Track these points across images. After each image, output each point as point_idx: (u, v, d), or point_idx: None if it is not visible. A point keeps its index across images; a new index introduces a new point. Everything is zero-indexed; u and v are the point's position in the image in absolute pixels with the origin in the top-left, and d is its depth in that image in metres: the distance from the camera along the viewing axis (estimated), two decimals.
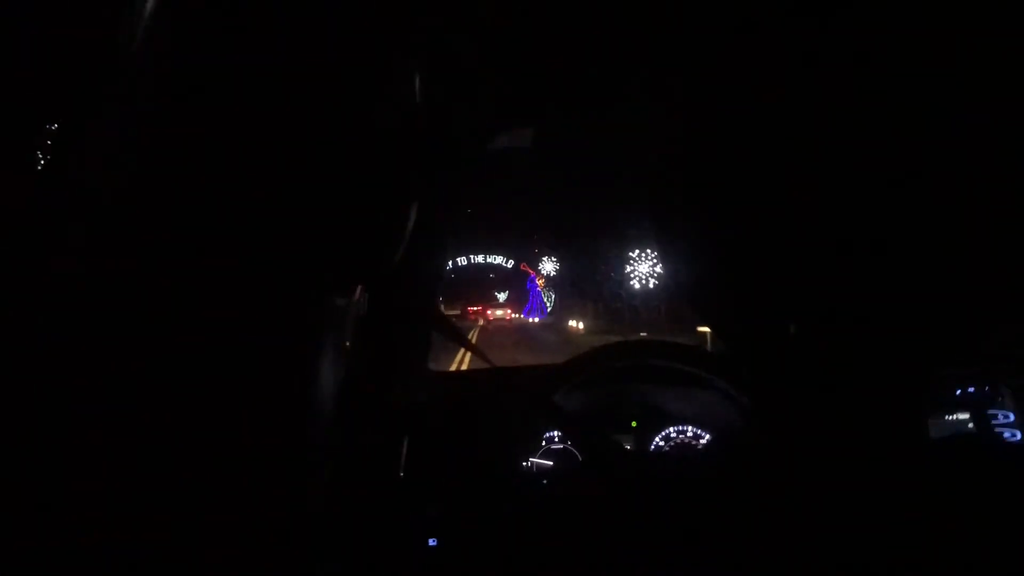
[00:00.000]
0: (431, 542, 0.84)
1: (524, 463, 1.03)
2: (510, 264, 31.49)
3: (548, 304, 31.83)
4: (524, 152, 1.08)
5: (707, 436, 1.05)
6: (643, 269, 19.86)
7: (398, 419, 0.83)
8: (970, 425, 1.02)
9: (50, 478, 0.31)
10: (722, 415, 0.98)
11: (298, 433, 0.43)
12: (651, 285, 19.69)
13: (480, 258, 30.24)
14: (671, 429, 1.08)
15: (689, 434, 1.07)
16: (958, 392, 1.01)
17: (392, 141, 0.45)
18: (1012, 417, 1.02)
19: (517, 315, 32.29)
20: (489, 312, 32.72)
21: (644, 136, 0.74)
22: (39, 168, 0.37)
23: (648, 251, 19.57)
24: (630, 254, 20.47)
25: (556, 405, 0.95)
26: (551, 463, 1.05)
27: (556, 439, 1.07)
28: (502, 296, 37.38)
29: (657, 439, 1.08)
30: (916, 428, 0.64)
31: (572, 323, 21.20)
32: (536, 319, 29.25)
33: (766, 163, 0.60)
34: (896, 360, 0.58)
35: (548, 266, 29.35)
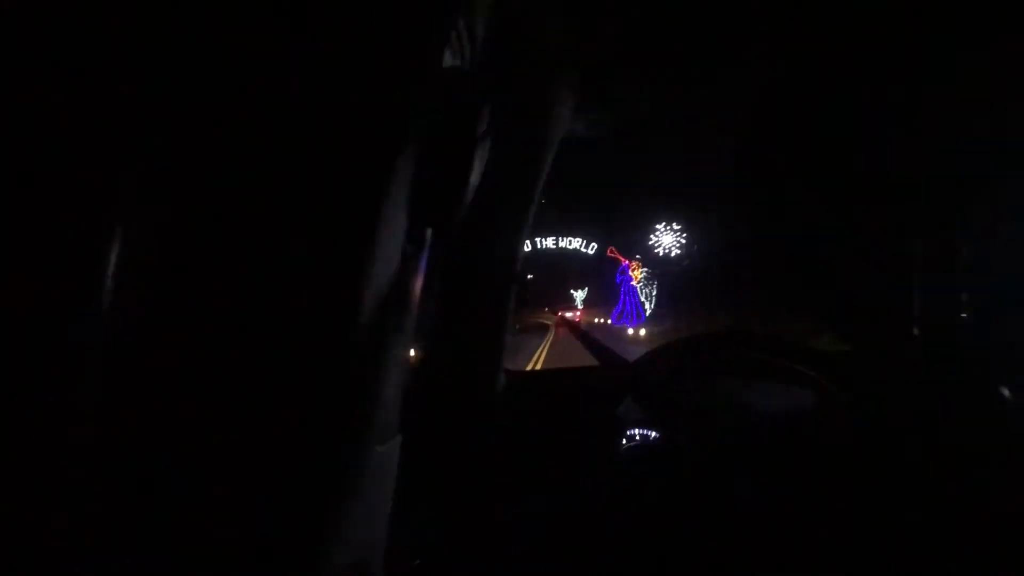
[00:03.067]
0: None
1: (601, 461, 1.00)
2: (592, 250, 25.24)
3: (648, 305, 25.60)
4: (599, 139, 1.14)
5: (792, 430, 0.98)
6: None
7: (472, 413, 0.88)
8: None
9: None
10: (812, 411, 0.97)
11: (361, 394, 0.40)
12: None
13: (550, 242, 24.20)
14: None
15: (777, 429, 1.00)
16: None
17: (457, 81, 0.46)
18: None
19: (602, 321, 26.17)
20: (559, 314, 27.59)
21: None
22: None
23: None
24: None
25: (631, 405, 1.00)
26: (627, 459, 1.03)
27: (636, 437, 1.06)
28: (579, 295, 31.17)
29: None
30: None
31: None
32: (632, 328, 22.78)
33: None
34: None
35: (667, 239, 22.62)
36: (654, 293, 24.80)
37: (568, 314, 28.42)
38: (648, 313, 24.65)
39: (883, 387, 0.77)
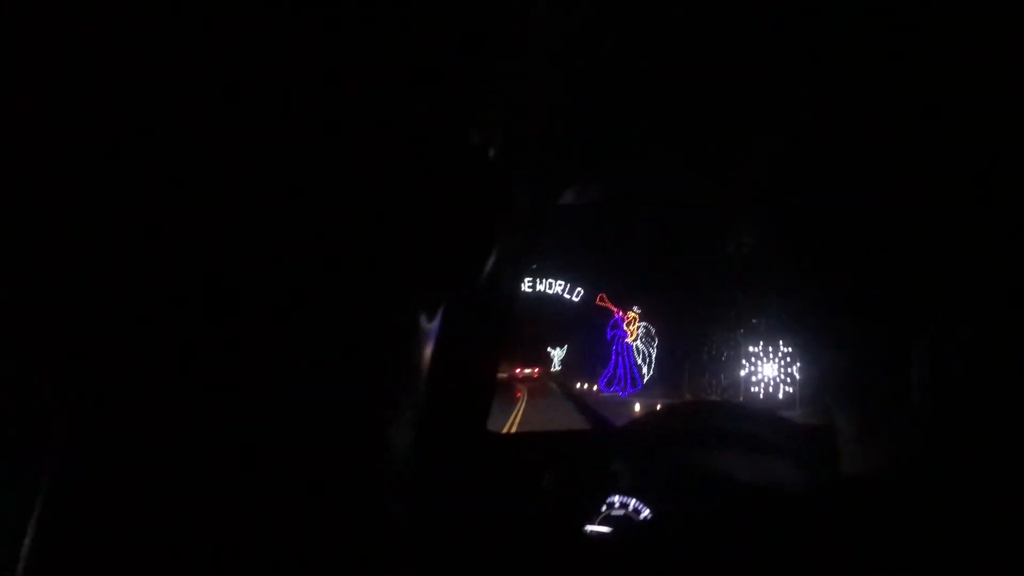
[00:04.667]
0: None
1: (585, 528, 1.05)
2: (578, 296, 20.66)
3: (646, 370, 21.02)
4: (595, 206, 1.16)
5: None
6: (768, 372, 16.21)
7: (455, 477, 0.87)
8: None
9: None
10: (790, 481, 1.00)
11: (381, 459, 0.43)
12: (780, 395, 15.90)
13: (526, 285, 19.64)
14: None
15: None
16: None
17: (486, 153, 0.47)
18: None
19: (587, 387, 21.34)
20: (517, 372, 23.56)
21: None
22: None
23: (778, 347, 15.71)
24: (751, 348, 16.57)
25: (615, 472, 1.03)
26: (609, 529, 1.06)
27: (616, 504, 1.07)
28: (557, 354, 26.28)
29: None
30: None
31: None
32: (637, 402, 17.97)
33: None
34: None
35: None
36: (654, 354, 20.12)
37: (527, 370, 23.89)
38: (646, 379, 19.90)
39: (876, 469, 0.77)
